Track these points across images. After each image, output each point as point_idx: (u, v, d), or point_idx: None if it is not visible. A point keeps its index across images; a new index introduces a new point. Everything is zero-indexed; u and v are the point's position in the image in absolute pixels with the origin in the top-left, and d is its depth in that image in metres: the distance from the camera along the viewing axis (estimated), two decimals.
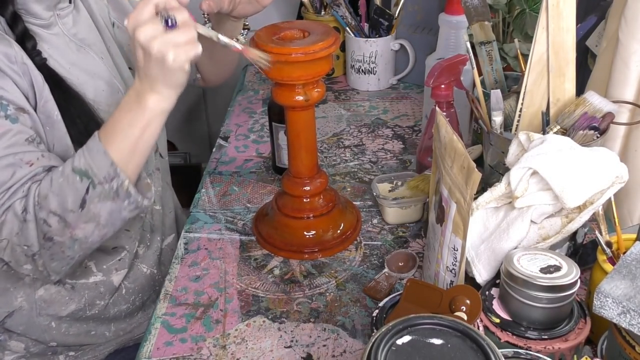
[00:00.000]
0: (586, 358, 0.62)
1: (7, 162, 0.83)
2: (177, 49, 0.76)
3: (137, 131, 0.81)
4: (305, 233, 0.98)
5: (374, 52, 1.45)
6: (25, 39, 0.88)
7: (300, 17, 1.64)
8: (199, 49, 0.78)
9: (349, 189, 1.14)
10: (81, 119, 0.93)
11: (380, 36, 1.45)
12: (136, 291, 1.07)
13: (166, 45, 0.75)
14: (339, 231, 1.00)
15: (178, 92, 0.82)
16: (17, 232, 0.83)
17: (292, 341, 0.83)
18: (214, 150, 1.30)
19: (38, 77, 0.87)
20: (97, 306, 1.03)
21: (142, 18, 0.75)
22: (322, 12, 1.54)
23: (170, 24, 0.77)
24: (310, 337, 0.84)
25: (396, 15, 1.44)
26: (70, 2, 0.96)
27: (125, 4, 1.12)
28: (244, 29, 1.18)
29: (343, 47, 1.52)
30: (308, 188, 0.97)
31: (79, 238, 0.84)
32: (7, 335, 1.00)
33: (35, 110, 0.88)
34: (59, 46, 0.94)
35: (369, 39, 1.44)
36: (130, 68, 1.10)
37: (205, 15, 1.15)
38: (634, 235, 0.76)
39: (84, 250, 0.87)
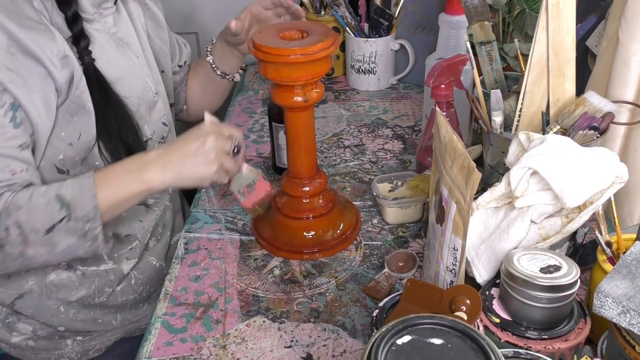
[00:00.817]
0: (586, 358, 0.62)
1: None
2: (221, 170, 0.89)
3: (127, 193, 0.87)
4: (304, 233, 0.98)
5: (374, 52, 1.45)
6: (81, 38, 0.93)
7: None
8: (225, 180, 0.92)
9: (349, 189, 1.14)
10: (116, 120, 0.97)
11: (380, 36, 1.45)
12: (144, 282, 1.09)
13: (219, 161, 0.88)
14: (338, 231, 1.00)
15: (175, 188, 0.93)
16: None
17: (292, 341, 0.83)
18: None
19: (78, 69, 0.91)
20: (105, 293, 1.05)
21: (225, 131, 0.90)
22: (322, 12, 1.54)
23: (236, 151, 0.92)
24: (310, 337, 0.84)
25: (396, 15, 1.44)
26: (115, 3, 1.01)
27: (159, 17, 1.16)
28: (241, 69, 1.28)
29: (343, 47, 1.52)
30: (307, 188, 0.97)
31: (27, 256, 0.85)
32: (16, 317, 1.02)
33: (66, 100, 0.90)
34: (100, 41, 0.97)
35: (369, 39, 1.44)
36: (162, 71, 1.15)
37: (209, 49, 1.24)
38: (634, 235, 0.76)
39: (22, 267, 0.89)
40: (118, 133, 0.98)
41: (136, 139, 1.01)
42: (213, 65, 1.24)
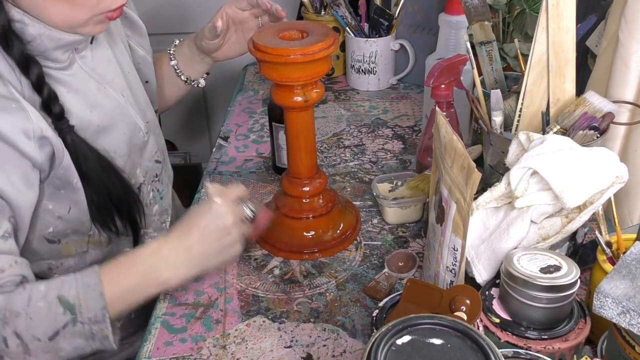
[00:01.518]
0: (586, 358, 0.62)
1: None
2: (241, 243, 0.85)
3: (141, 294, 0.82)
4: (304, 233, 0.98)
5: (374, 52, 1.45)
6: (52, 104, 0.82)
7: (300, 17, 1.64)
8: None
9: (349, 189, 1.14)
10: (107, 189, 0.89)
11: (380, 36, 1.45)
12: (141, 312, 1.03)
13: (241, 236, 0.85)
14: (338, 231, 1.00)
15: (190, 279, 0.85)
16: None
17: (292, 341, 0.83)
18: (214, 150, 1.30)
19: (59, 146, 0.81)
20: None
21: (233, 196, 0.85)
22: (322, 12, 1.54)
23: (252, 216, 0.88)
24: (310, 337, 0.84)
25: (396, 15, 1.44)
26: (91, 42, 0.91)
27: (139, 24, 1.09)
28: (206, 73, 1.21)
29: (343, 47, 1.52)
30: (307, 188, 0.97)
31: None
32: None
33: (48, 176, 0.82)
34: (80, 88, 0.88)
35: (369, 39, 1.44)
36: (146, 82, 1.10)
37: (172, 51, 1.17)
38: (634, 235, 0.76)
39: None
40: (110, 200, 0.90)
41: (129, 198, 0.93)
42: (177, 70, 1.17)
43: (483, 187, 0.82)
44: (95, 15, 0.82)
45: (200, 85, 1.21)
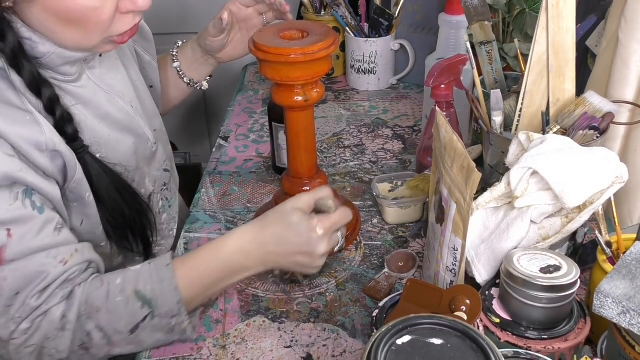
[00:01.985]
0: (586, 358, 0.62)
1: (39, 261, 0.75)
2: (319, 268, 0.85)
3: (221, 284, 0.82)
4: None
5: (374, 52, 1.45)
6: (66, 125, 0.81)
7: (300, 17, 1.64)
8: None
9: (349, 189, 1.14)
10: (117, 201, 0.88)
11: (380, 36, 1.45)
12: None
13: (323, 262, 0.84)
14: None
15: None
16: (50, 338, 0.75)
17: (292, 341, 0.83)
18: (214, 150, 1.30)
19: (71, 160, 0.80)
20: None
21: (334, 236, 0.84)
22: (322, 12, 1.54)
23: (341, 246, 0.91)
24: (310, 337, 0.84)
25: (396, 15, 1.44)
26: (100, 55, 0.90)
27: (145, 29, 1.09)
28: (209, 76, 1.20)
29: (343, 47, 1.52)
30: (307, 188, 0.97)
31: (114, 354, 0.80)
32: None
33: (62, 187, 0.81)
34: (89, 99, 0.87)
35: (369, 39, 1.44)
36: (151, 86, 1.09)
37: (174, 53, 1.16)
38: (634, 235, 0.76)
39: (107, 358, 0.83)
40: (123, 219, 0.89)
41: (142, 216, 0.92)
42: (180, 72, 1.16)
43: (483, 187, 0.82)
44: (106, 38, 0.81)
45: (203, 88, 1.20)
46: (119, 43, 0.83)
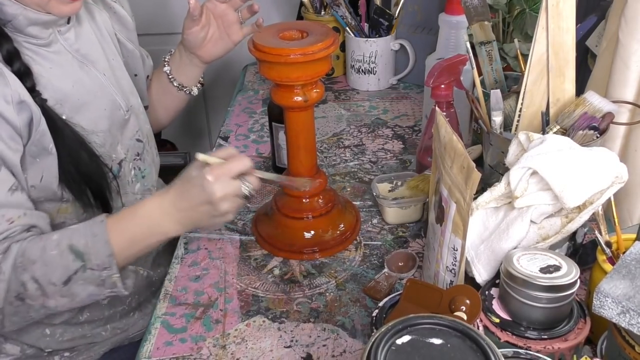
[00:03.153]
0: (586, 358, 0.62)
1: None
2: (233, 213, 0.86)
3: (144, 244, 0.88)
4: (304, 233, 0.98)
5: (374, 52, 1.45)
6: (24, 78, 0.85)
7: (300, 17, 1.64)
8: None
9: (349, 189, 1.14)
10: (78, 162, 0.91)
11: (380, 36, 1.45)
12: (132, 293, 1.06)
13: (233, 209, 0.85)
14: (338, 231, 1.00)
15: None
16: None
17: (292, 341, 0.83)
18: (214, 150, 1.30)
19: (36, 111, 0.85)
20: (91, 309, 1.01)
21: (234, 169, 0.84)
22: (322, 12, 1.54)
23: (248, 193, 0.86)
24: (310, 337, 0.84)
25: (396, 15, 1.44)
26: (68, 22, 0.94)
27: (127, 20, 1.11)
28: (200, 83, 1.22)
29: (343, 47, 1.52)
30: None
31: (49, 307, 0.85)
32: (3, 339, 0.99)
33: (27, 143, 0.86)
34: (62, 64, 0.92)
35: (369, 39, 1.44)
36: (135, 75, 1.12)
37: (166, 59, 1.18)
38: (634, 235, 0.76)
39: (47, 315, 0.89)
40: (80, 174, 0.92)
41: (99, 173, 0.95)
42: (170, 76, 1.18)
43: (483, 187, 0.82)
44: None
45: (193, 93, 1.21)
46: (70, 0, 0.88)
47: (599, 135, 0.83)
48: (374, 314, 0.76)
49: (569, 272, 0.67)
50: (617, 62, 0.91)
